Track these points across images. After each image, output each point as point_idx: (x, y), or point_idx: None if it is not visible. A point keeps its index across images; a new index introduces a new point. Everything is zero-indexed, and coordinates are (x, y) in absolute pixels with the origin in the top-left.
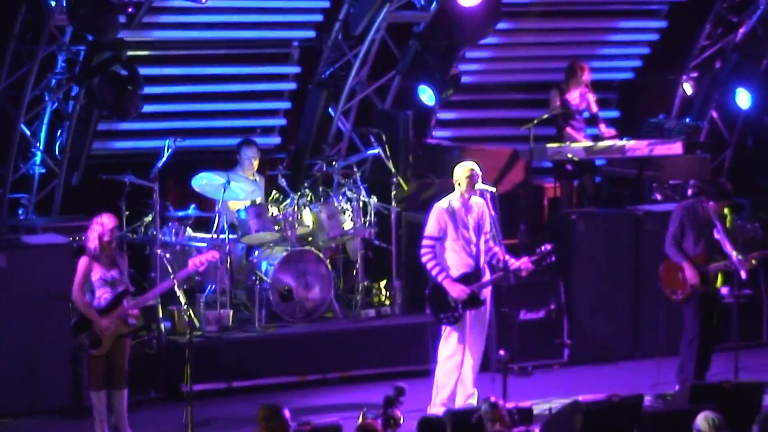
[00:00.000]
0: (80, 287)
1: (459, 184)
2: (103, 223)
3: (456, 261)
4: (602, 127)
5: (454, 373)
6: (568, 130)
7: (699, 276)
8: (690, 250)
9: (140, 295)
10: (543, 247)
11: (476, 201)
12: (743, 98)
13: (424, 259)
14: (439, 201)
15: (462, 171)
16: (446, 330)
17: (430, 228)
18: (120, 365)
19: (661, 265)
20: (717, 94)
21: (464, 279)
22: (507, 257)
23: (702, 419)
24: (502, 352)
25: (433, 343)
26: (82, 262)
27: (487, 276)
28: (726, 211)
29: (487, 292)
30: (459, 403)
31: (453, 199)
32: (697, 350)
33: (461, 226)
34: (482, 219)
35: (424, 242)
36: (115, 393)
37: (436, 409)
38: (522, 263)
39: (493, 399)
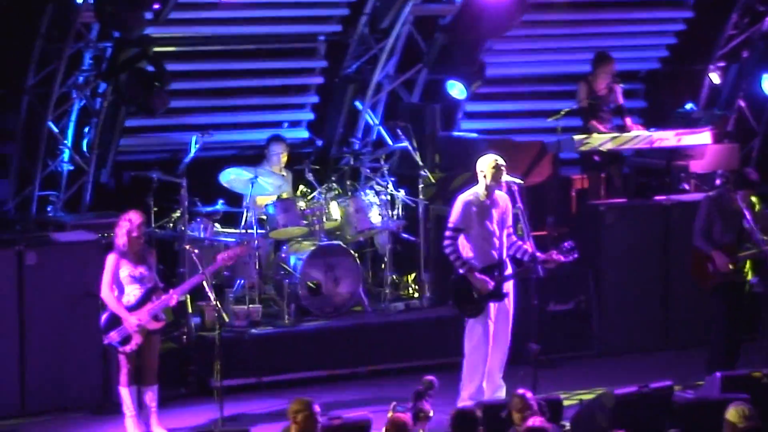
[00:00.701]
0: (109, 284)
1: (484, 176)
2: (131, 220)
3: (478, 253)
4: (627, 120)
5: (481, 366)
6: (593, 122)
7: (729, 264)
8: (718, 240)
9: (168, 291)
10: (565, 244)
11: (500, 195)
12: None
13: (447, 250)
14: (463, 192)
15: (486, 163)
16: (469, 323)
17: (454, 219)
18: (150, 361)
19: (691, 256)
20: (744, 84)
21: (486, 271)
22: (533, 250)
23: (733, 410)
24: (532, 345)
25: (460, 336)
26: (111, 259)
27: (509, 269)
28: (754, 199)
29: (509, 286)
30: (487, 396)
31: (477, 191)
32: (725, 340)
33: (485, 218)
34: (506, 213)
35: (448, 233)
36: (145, 389)
37: (464, 402)
38: (549, 256)
39: (521, 391)
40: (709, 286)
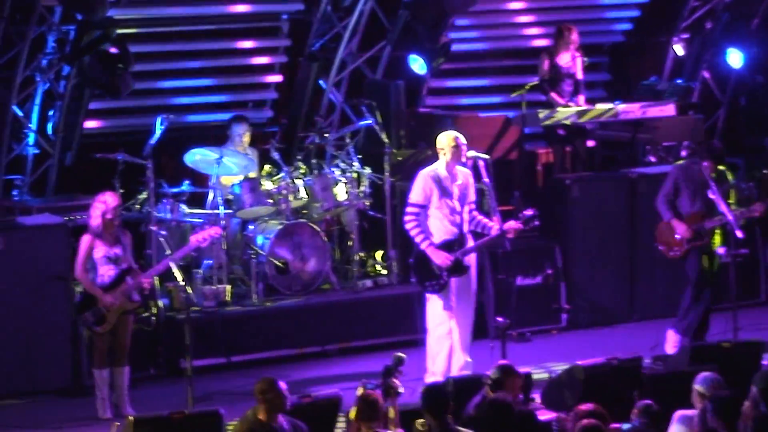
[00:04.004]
0: (83, 265)
1: (444, 153)
2: (106, 201)
3: (439, 228)
4: (580, 98)
5: (445, 341)
6: (553, 95)
7: (691, 230)
8: (686, 208)
9: (143, 271)
10: (526, 212)
11: (461, 170)
12: (735, 58)
13: (408, 226)
14: (424, 169)
15: (446, 139)
16: (431, 298)
17: (415, 195)
18: (123, 342)
19: (657, 226)
20: (708, 55)
21: (447, 246)
22: (500, 225)
23: (702, 379)
24: (500, 319)
25: (422, 313)
26: (85, 239)
27: (470, 244)
28: (723, 170)
29: (471, 260)
30: (454, 372)
31: (438, 167)
32: (699, 301)
33: (445, 194)
34: (467, 188)
35: (408, 209)
36: (117, 370)
37: (432, 377)
38: (508, 225)
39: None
40: (678, 252)
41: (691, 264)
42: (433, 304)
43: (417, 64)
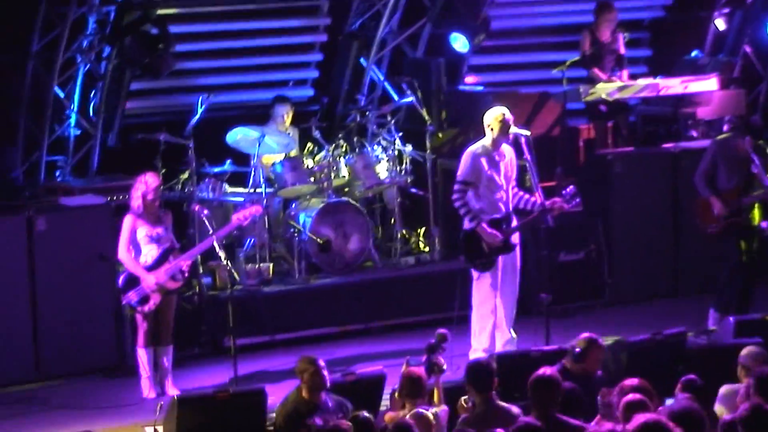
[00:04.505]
0: (126, 245)
1: (491, 129)
2: (147, 182)
3: (486, 206)
4: (624, 73)
5: (490, 318)
6: (595, 70)
7: (728, 207)
8: (724, 184)
9: (185, 251)
10: (567, 190)
11: (506, 148)
12: None
13: (456, 204)
14: (471, 145)
15: (493, 116)
16: (477, 275)
17: (462, 173)
18: (167, 321)
19: (695, 201)
20: (750, 29)
21: (494, 224)
22: (542, 200)
23: (746, 353)
24: (543, 296)
25: (466, 290)
26: (127, 220)
27: (514, 222)
28: (761, 143)
29: (516, 238)
30: (498, 348)
31: (485, 144)
32: (738, 281)
33: (493, 171)
34: (512, 166)
35: (456, 187)
36: (161, 350)
37: (476, 354)
38: (552, 203)
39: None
40: (715, 229)
41: (728, 241)
42: (480, 281)
43: (459, 42)
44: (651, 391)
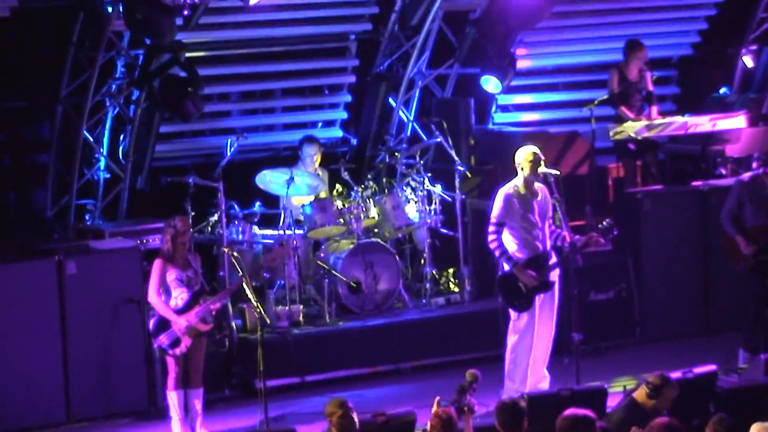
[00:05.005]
0: (156, 289)
1: (522, 168)
2: (177, 226)
3: (523, 245)
4: (654, 110)
5: (526, 357)
6: (623, 109)
7: (755, 245)
8: (751, 222)
9: (215, 293)
10: (604, 222)
11: (539, 186)
12: None
13: (492, 246)
14: (504, 186)
15: (524, 155)
16: (515, 315)
17: (496, 213)
18: (197, 364)
19: (723, 239)
20: None
21: (531, 263)
22: (571, 239)
23: None
24: (575, 335)
25: (501, 329)
26: (157, 264)
27: (553, 259)
28: None
29: (555, 275)
30: (530, 387)
31: (517, 184)
32: (762, 317)
33: (527, 210)
34: (546, 204)
35: (491, 228)
36: (191, 392)
37: (509, 394)
38: (588, 237)
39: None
40: (745, 267)
41: (754, 279)
42: (517, 321)
43: (491, 84)
44: (682, 430)
